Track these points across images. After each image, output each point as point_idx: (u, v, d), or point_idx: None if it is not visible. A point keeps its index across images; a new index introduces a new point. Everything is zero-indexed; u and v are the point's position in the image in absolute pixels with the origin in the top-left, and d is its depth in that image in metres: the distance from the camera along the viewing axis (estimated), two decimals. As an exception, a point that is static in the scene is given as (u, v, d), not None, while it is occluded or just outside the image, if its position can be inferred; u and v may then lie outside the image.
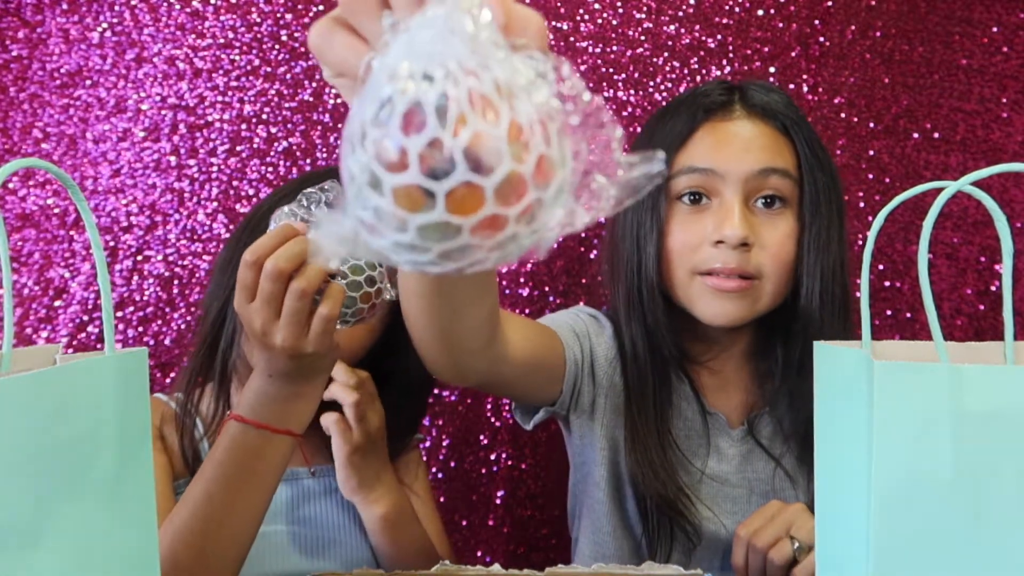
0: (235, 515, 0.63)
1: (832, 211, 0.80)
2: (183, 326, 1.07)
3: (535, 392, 0.81)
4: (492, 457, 1.11)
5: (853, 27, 1.12)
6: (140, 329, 1.05)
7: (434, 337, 0.61)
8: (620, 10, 1.11)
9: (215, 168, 1.07)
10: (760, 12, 1.12)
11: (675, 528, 0.80)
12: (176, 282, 1.06)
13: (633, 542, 0.84)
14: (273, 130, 1.08)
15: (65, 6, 1.05)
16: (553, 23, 1.11)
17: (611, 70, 1.11)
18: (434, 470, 1.10)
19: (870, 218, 1.11)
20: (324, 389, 0.68)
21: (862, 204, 1.12)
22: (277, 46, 1.08)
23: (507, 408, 1.10)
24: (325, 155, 1.09)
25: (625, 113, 1.11)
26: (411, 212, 0.24)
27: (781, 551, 0.68)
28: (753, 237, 0.77)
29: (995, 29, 1.12)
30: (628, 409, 0.82)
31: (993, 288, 1.11)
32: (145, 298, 1.05)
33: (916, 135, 1.12)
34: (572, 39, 1.11)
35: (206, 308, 0.82)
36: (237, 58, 1.08)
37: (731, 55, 1.12)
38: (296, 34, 1.09)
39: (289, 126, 1.08)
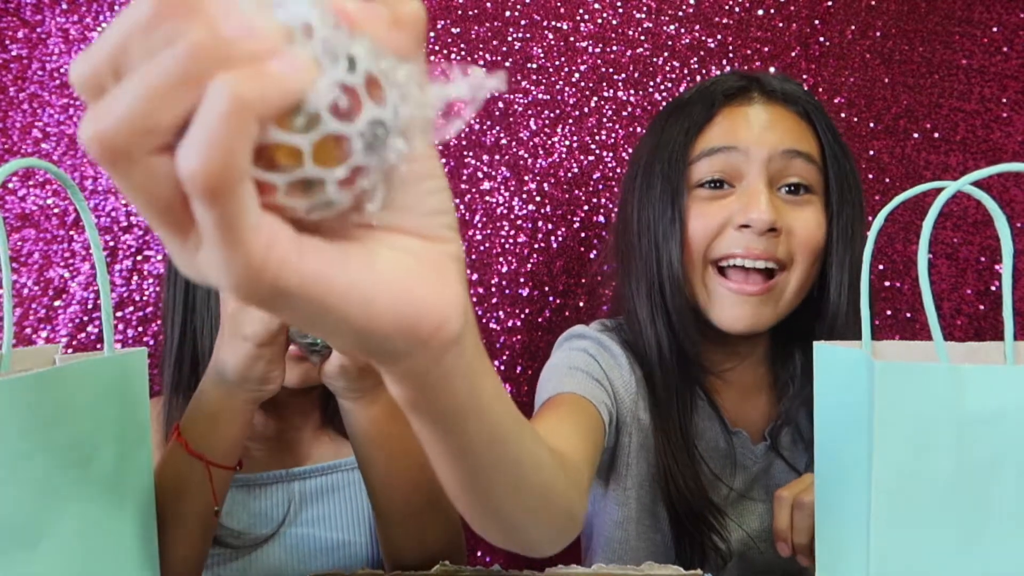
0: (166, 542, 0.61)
1: (855, 202, 0.76)
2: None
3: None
4: (492, 457, 1.11)
5: (853, 27, 1.12)
6: (140, 329, 1.05)
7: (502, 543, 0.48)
8: (620, 10, 1.11)
9: (215, 168, 1.07)
10: (760, 12, 1.12)
11: (706, 547, 0.76)
12: (176, 282, 1.06)
13: None
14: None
15: (65, 6, 1.05)
16: (553, 23, 1.10)
17: (611, 70, 1.11)
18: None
19: (870, 218, 1.11)
20: (252, 412, 0.64)
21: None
22: (277, 46, 1.08)
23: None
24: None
25: (625, 113, 1.11)
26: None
27: None
28: (781, 223, 0.72)
29: (995, 29, 1.12)
30: (654, 421, 0.78)
31: (993, 288, 1.11)
32: (145, 298, 1.05)
33: (916, 135, 1.12)
34: (572, 39, 1.11)
35: (167, 319, 0.80)
36: (237, 58, 1.08)
37: (731, 55, 1.12)
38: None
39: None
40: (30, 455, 0.44)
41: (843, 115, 1.12)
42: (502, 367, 1.10)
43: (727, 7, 1.12)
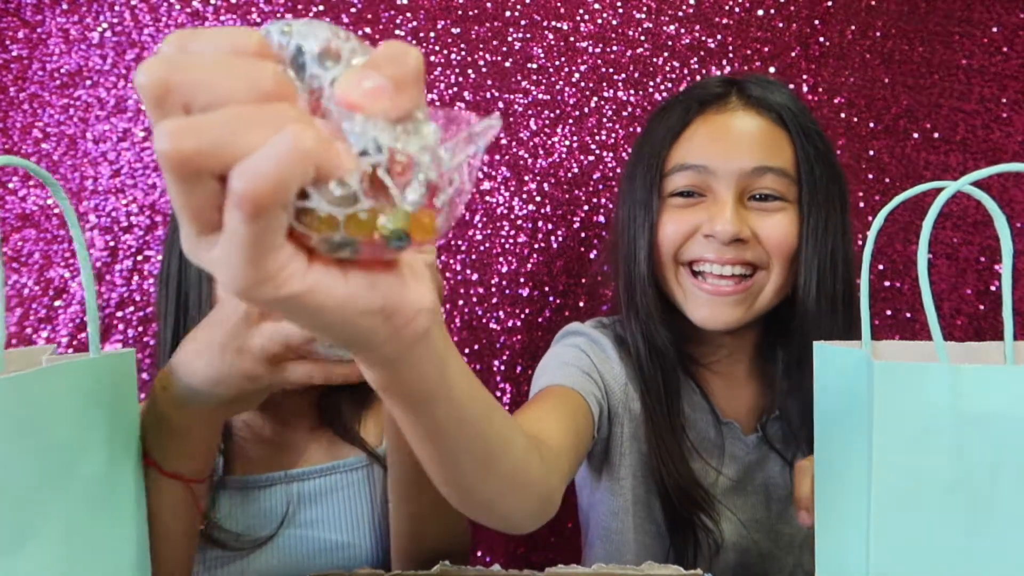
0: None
1: (832, 203, 0.77)
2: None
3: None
4: (492, 457, 1.11)
5: (853, 27, 1.12)
6: (140, 329, 1.05)
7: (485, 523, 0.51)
8: (620, 10, 1.11)
9: (215, 168, 1.07)
10: (760, 12, 1.12)
11: (697, 530, 0.78)
12: (176, 282, 1.06)
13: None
14: (273, 130, 1.08)
15: (65, 6, 1.05)
16: (553, 23, 1.10)
17: (611, 70, 1.11)
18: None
19: (870, 218, 1.11)
20: (220, 427, 0.62)
21: (862, 204, 1.12)
22: (277, 46, 1.08)
23: (507, 407, 1.10)
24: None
25: (625, 113, 1.11)
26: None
27: None
28: (747, 232, 0.75)
29: (995, 29, 1.12)
30: (645, 411, 0.80)
31: (993, 288, 1.11)
32: (145, 298, 1.05)
33: (916, 135, 1.12)
34: (572, 39, 1.11)
35: (161, 321, 0.79)
36: (237, 58, 1.07)
37: (731, 55, 1.12)
38: (296, 34, 1.08)
39: (289, 126, 1.08)
40: (12, 459, 0.43)
41: (843, 115, 1.12)
42: (502, 367, 1.10)
43: (727, 7, 1.12)
